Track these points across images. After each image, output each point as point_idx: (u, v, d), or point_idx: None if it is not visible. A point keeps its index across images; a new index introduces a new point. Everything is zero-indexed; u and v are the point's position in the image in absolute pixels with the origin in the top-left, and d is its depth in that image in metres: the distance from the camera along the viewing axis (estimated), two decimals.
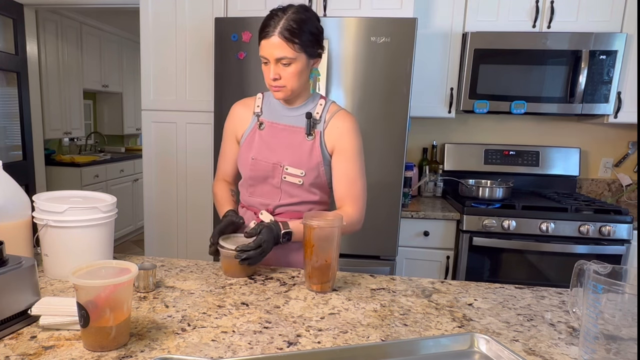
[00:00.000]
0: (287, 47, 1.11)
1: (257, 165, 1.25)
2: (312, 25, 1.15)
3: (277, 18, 1.12)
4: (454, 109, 2.42)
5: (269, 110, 1.29)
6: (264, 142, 1.26)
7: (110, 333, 0.75)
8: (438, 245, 2.27)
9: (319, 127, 1.24)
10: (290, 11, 1.12)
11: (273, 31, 1.11)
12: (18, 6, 3.03)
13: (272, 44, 1.11)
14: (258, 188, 1.29)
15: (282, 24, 1.10)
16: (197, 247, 2.45)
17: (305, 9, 1.15)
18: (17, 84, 3.11)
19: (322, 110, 1.26)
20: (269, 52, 1.13)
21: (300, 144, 1.24)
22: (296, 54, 1.12)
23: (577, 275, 0.88)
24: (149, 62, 2.35)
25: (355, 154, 1.24)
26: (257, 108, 1.30)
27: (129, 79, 5.18)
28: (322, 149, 1.24)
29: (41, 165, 3.50)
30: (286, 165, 1.23)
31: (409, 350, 0.78)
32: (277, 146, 1.25)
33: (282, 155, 1.24)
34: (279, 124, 1.26)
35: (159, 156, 2.43)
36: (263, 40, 1.13)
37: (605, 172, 2.71)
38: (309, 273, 1.07)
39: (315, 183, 1.25)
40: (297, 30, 1.11)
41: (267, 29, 1.12)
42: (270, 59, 1.13)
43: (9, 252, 0.88)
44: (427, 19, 2.34)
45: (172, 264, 1.24)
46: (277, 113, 1.28)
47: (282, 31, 1.10)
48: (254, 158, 1.26)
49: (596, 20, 2.28)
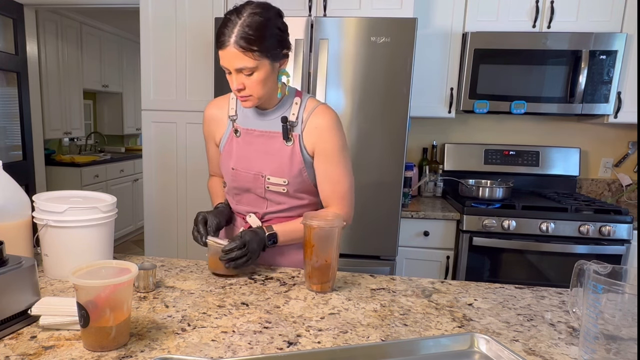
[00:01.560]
0: (244, 57, 1.01)
1: (238, 176, 1.20)
2: (273, 27, 1.03)
3: (232, 24, 1.00)
4: (454, 109, 2.42)
5: (243, 115, 1.20)
6: (241, 150, 1.19)
7: (110, 333, 0.75)
8: (438, 245, 2.27)
9: (297, 130, 1.15)
10: (245, 14, 1.00)
11: (228, 41, 1.00)
12: (18, 6, 3.03)
13: (228, 55, 1.01)
14: (244, 197, 1.25)
15: (236, 32, 0.99)
16: (197, 247, 2.45)
17: (263, 7, 1.03)
18: (17, 84, 3.11)
19: (299, 109, 1.16)
20: (228, 62, 1.03)
21: (279, 151, 1.16)
22: (257, 62, 1.02)
23: (577, 275, 0.88)
24: (149, 62, 2.35)
25: (336, 153, 1.16)
26: (232, 110, 1.22)
27: (129, 79, 5.18)
28: (303, 153, 1.16)
29: (41, 165, 3.51)
30: (267, 175, 1.17)
31: (409, 350, 0.78)
32: (256, 154, 1.18)
33: (262, 165, 1.17)
34: (255, 130, 1.18)
35: (159, 156, 2.43)
36: (220, 51, 1.03)
37: (605, 172, 2.71)
38: (309, 273, 1.07)
39: (300, 189, 1.20)
40: (253, 36, 0.99)
41: (222, 38, 1.01)
42: (230, 68, 1.04)
43: (9, 252, 0.88)
44: (427, 19, 2.34)
45: (172, 264, 1.24)
46: (251, 118, 1.19)
47: (238, 40, 0.99)
48: (234, 168, 1.20)
49: (596, 20, 2.28)
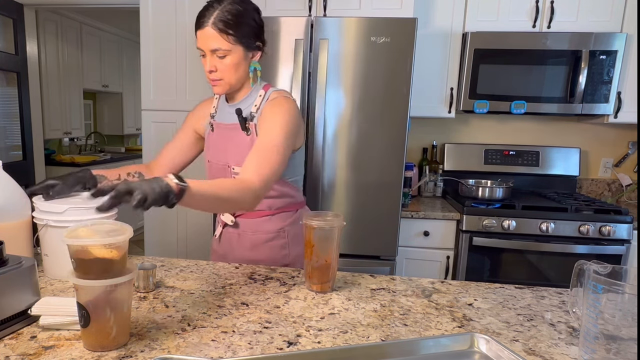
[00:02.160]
0: (220, 38, 1.09)
1: (212, 168, 1.28)
2: (249, 17, 1.13)
3: (212, 9, 1.10)
4: (454, 109, 2.42)
5: (220, 110, 1.29)
6: (215, 143, 1.27)
7: (110, 333, 0.75)
8: (438, 245, 2.27)
9: (256, 120, 1.19)
10: (226, 2, 1.10)
11: (207, 22, 1.09)
12: (18, 6, 3.03)
13: (206, 34, 1.10)
14: None
15: (216, 15, 1.09)
16: (197, 247, 2.45)
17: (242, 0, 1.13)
18: (17, 84, 3.11)
19: (261, 101, 1.20)
20: (204, 43, 1.11)
21: (241, 142, 1.21)
22: (231, 45, 1.10)
23: (577, 275, 0.88)
24: (149, 62, 2.35)
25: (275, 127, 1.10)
26: (213, 109, 1.30)
27: (129, 79, 5.18)
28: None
29: (41, 165, 3.51)
30: (232, 165, 1.23)
31: (409, 350, 0.78)
32: (225, 146, 1.24)
33: (228, 155, 1.24)
34: (224, 124, 1.25)
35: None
36: (198, 30, 1.11)
37: (605, 172, 2.71)
38: (309, 273, 1.07)
39: None
40: (231, 21, 1.09)
41: (202, 19, 1.10)
42: (206, 50, 1.11)
43: (9, 252, 0.88)
44: (427, 19, 2.34)
45: (172, 264, 1.24)
46: (225, 112, 1.26)
47: (216, 22, 1.08)
48: (209, 161, 1.29)
49: (596, 20, 2.28)
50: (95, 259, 0.73)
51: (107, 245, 0.73)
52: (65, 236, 0.73)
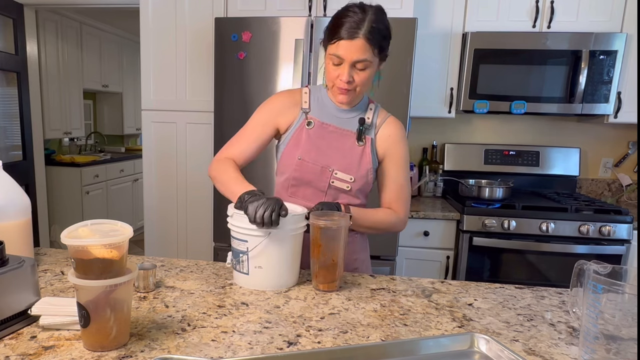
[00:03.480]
0: (369, 50, 1.06)
1: (303, 167, 1.20)
2: (390, 29, 1.11)
3: (358, 17, 1.05)
4: (454, 109, 2.42)
5: (319, 108, 1.23)
6: (312, 142, 1.20)
7: (111, 333, 0.75)
8: (438, 245, 2.27)
9: (370, 134, 1.22)
10: (370, 12, 1.06)
11: (358, 32, 1.04)
12: (18, 6, 3.03)
13: (355, 45, 1.05)
14: (301, 189, 1.23)
15: (366, 26, 1.04)
16: (197, 247, 2.45)
17: (382, 10, 1.10)
18: (17, 84, 3.11)
19: (373, 115, 1.23)
20: (348, 53, 1.06)
21: (351, 149, 1.20)
22: (374, 58, 1.09)
23: (577, 275, 0.88)
24: (149, 62, 2.35)
25: (405, 161, 1.25)
26: (305, 104, 1.23)
27: (129, 79, 5.18)
28: (373, 156, 1.22)
29: (41, 165, 3.51)
30: (336, 169, 1.20)
31: (409, 350, 0.78)
32: (326, 148, 1.20)
33: (332, 159, 1.20)
34: (330, 125, 1.21)
35: (159, 156, 2.43)
36: (343, 40, 1.06)
37: (605, 172, 2.71)
38: (315, 272, 1.08)
39: (362, 189, 1.23)
40: (381, 33, 1.07)
41: (351, 29, 1.04)
42: (348, 60, 1.07)
43: (9, 252, 0.88)
44: (427, 19, 2.34)
45: (172, 264, 1.24)
46: (328, 113, 1.22)
47: (367, 34, 1.04)
48: (300, 158, 1.20)
49: (596, 20, 2.28)
50: (95, 259, 0.73)
51: (107, 245, 0.73)
52: (65, 236, 0.73)
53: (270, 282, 1.07)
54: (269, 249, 1.04)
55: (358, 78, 1.11)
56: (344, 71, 1.09)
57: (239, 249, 1.07)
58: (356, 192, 1.23)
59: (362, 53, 1.06)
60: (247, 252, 1.05)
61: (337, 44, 1.07)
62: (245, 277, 1.08)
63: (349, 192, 1.22)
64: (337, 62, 1.09)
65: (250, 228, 1.02)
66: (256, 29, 2.05)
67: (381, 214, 1.23)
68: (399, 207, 1.25)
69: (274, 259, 1.06)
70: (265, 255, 1.05)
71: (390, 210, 1.24)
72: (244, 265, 1.07)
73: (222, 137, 2.12)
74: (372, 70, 1.11)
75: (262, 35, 2.05)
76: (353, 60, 1.07)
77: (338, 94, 1.15)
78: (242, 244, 1.06)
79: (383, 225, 1.23)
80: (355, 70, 1.10)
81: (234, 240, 1.08)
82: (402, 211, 1.25)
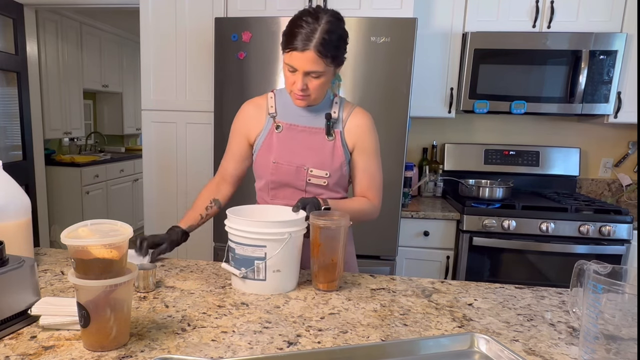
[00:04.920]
0: (321, 62, 1.08)
1: (279, 169, 1.23)
2: (345, 37, 1.13)
3: (310, 28, 1.06)
4: (454, 109, 2.42)
5: (284, 111, 1.25)
6: (283, 144, 1.23)
7: (111, 333, 0.75)
8: (438, 245, 2.27)
9: (338, 127, 1.24)
10: (323, 20, 1.07)
11: (308, 44, 1.06)
12: (18, 6, 3.03)
13: (306, 57, 1.07)
14: (280, 191, 1.26)
15: (317, 38, 1.05)
16: (197, 247, 2.45)
17: (337, 17, 1.11)
18: (17, 84, 3.11)
19: (338, 109, 1.25)
20: (300, 64, 1.09)
21: (322, 145, 1.23)
22: (327, 67, 1.11)
23: (577, 275, 0.88)
24: (149, 62, 2.35)
25: (374, 150, 1.28)
26: (271, 109, 1.26)
27: (129, 79, 5.18)
28: (344, 149, 1.24)
29: (41, 165, 3.51)
30: (310, 167, 1.22)
31: (409, 350, 0.78)
32: (299, 148, 1.23)
33: (305, 158, 1.23)
34: (298, 126, 1.24)
35: (159, 156, 2.43)
36: (295, 52, 1.07)
37: (605, 172, 2.71)
38: (315, 272, 1.08)
39: (338, 182, 1.26)
40: (334, 45, 1.08)
41: (302, 41, 1.06)
42: (300, 70, 1.10)
43: (9, 252, 0.88)
44: (427, 19, 2.34)
45: (172, 264, 1.24)
46: (294, 114, 1.25)
47: (318, 46, 1.06)
48: (275, 162, 1.23)
49: (596, 20, 2.28)
50: (95, 259, 0.73)
51: (107, 245, 0.73)
52: (65, 236, 0.73)
53: (288, 284, 1.07)
54: (286, 250, 1.03)
55: (312, 85, 1.13)
56: (298, 79, 1.12)
57: (254, 256, 1.03)
58: (334, 186, 1.26)
59: (313, 64, 1.08)
60: (265, 257, 1.02)
61: (290, 54, 1.09)
62: (261, 284, 1.04)
63: (326, 187, 1.25)
64: (292, 70, 1.12)
65: (270, 232, 1.01)
66: (256, 29, 2.05)
67: (356, 203, 1.26)
68: (373, 195, 1.28)
69: (292, 259, 1.06)
70: (283, 257, 1.03)
71: (364, 199, 1.27)
72: (260, 272, 1.04)
73: (222, 137, 2.12)
74: (327, 78, 1.14)
75: (262, 35, 2.05)
76: (305, 71, 1.10)
77: (295, 99, 1.18)
78: (259, 250, 1.02)
79: (359, 214, 1.24)
80: (309, 78, 1.12)
81: (245, 248, 1.03)
82: (376, 199, 1.29)
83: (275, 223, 1.03)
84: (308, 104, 1.19)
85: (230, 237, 1.06)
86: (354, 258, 1.39)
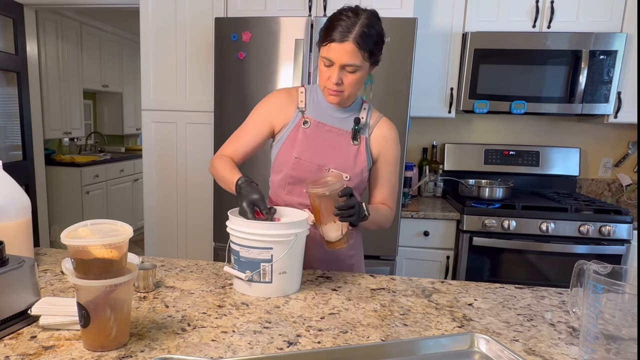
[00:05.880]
0: (359, 54, 1.07)
1: (300, 165, 1.22)
2: (383, 35, 1.13)
3: (350, 21, 1.06)
4: (454, 109, 2.42)
5: (315, 108, 1.24)
6: (308, 141, 1.22)
7: (111, 333, 0.75)
8: (438, 245, 2.27)
9: (364, 133, 1.24)
10: (363, 16, 1.08)
11: (348, 36, 1.06)
12: (18, 6, 3.03)
13: (344, 49, 1.07)
14: (297, 187, 1.24)
15: (357, 30, 1.06)
16: (197, 247, 2.45)
17: (376, 15, 1.12)
18: (17, 84, 3.11)
19: (367, 115, 1.25)
20: (338, 56, 1.08)
21: (346, 148, 1.23)
22: (364, 62, 1.10)
23: (577, 275, 0.88)
24: (149, 62, 2.35)
25: (397, 161, 1.29)
26: (301, 103, 1.24)
27: (129, 79, 5.18)
28: (368, 155, 1.24)
29: (41, 165, 3.51)
30: (332, 168, 1.21)
31: (409, 350, 0.78)
32: (322, 147, 1.22)
33: (328, 158, 1.22)
34: (326, 125, 1.23)
35: (159, 156, 2.43)
36: (334, 43, 1.07)
37: (605, 172, 2.71)
38: (321, 236, 1.12)
39: (357, 187, 1.25)
40: (372, 39, 1.08)
41: (341, 32, 1.06)
42: (337, 63, 1.09)
43: (9, 252, 0.88)
44: (427, 19, 2.34)
45: (172, 264, 1.24)
46: (324, 112, 1.23)
47: (357, 38, 1.06)
48: (297, 157, 1.21)
49: (596, 20, 2.28)
50: (95, 259, 0.73)
51: (107, 245, 0.73)
52: (65, 236, 0.73)
53: (293, 285, 1.06)
54: (292, 251, 1.02)
55: (347, 81, 1.12)
56: (333, 73, 1.11)
57: (260, 258, 1.01)
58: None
59: (351, 57, 1.08)
60: (272, 259, 1.01)
61: (329, 47, 1.09)
62: (267, 287, 1.03)
63: None
64: (328, 64, 1.11)
65: (276, 234, 1.00)
66: (256, 29, 2.05)
67: (383, 211, 1.27)
68: (392, 203, 1.31)
69: (297, 260, 1.06)
70: (289, 259, 1.03)
71: (387, 207, 1.29)
72: (266, 274, 1.02)
73: (222, 137, 2.12)
74: (361, 74, 1.12)
75: (262, 35, 2.05)
76: (342, 63, 1.09)
77: (328, 95, 1.17)
78: (265, 252, 1.01)
79: (384, 220, 1.27)
80: (344, 73, 1.11)
81: (251, 251, 1.01)
82: (394, 207, 1.32)
83: (281, 224, 1.03)
84: (340, 100, 1.17)
85: (233, 240, 1.04)
86: (362, 261, 1.40)
